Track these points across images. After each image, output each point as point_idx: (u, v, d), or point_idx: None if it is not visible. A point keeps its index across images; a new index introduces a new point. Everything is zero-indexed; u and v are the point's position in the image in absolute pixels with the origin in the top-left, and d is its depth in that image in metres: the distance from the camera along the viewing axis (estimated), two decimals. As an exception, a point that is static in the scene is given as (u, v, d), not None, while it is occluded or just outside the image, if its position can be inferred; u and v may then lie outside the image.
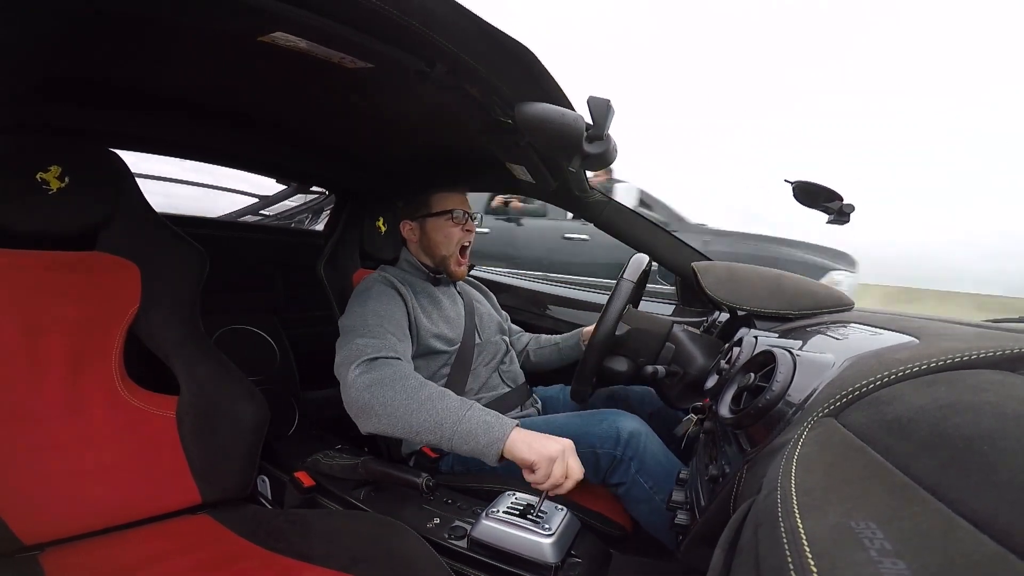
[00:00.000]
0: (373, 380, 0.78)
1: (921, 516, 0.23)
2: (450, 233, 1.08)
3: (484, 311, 1.19)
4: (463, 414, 0.73)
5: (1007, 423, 0.25)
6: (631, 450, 0.83)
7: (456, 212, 1.08)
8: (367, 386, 0.77)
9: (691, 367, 0.83)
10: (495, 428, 0.72)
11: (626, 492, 0.84)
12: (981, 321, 0.54)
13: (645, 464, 0.83)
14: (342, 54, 0.62)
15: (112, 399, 0.83)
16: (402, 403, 0.75)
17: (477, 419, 0.73)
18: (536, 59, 0.61)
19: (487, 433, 0.71)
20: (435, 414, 0.73)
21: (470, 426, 0.72)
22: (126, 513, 0.79)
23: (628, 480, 0.83)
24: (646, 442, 0.85)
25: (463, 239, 1.09)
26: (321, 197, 1.76)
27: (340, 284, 1.18)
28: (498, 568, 0.73)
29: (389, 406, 0.75)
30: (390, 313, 0.93)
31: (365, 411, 0.77)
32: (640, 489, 0.83)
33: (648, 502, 0.83)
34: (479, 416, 0.73)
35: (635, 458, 0.83)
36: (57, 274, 0.81)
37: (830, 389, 0.40)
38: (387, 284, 1.00)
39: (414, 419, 0.74)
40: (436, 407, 0.74)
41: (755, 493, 0.34)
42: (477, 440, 0.71)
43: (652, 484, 0.83)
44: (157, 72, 0.78)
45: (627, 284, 0.82)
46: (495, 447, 0.70)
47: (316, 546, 0.73)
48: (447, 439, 0.73)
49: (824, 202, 0.91)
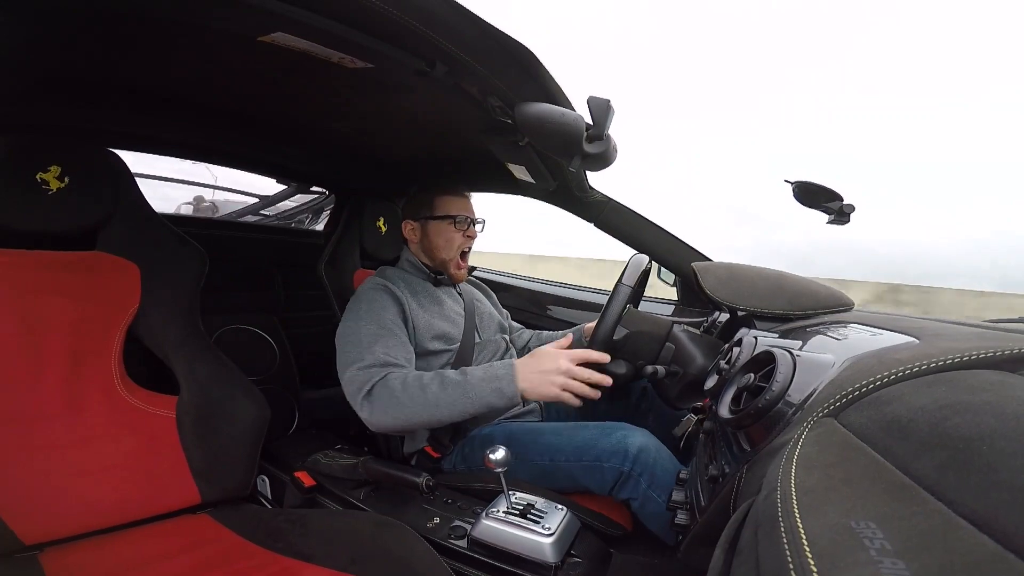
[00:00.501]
0: (378, 408, 0.84)
1: (921, 516, 0.23)
2: (451, 238, 1.08)
3: (485, 310, 1.19)
4: (469, 392, 0.81)
5: (1007, 423, 0.25)
6: (640, 466, 0.82)
7: (459, 217, 1.08)
8: (380, 412, 0.84)
9: (691, 367, 0.83)
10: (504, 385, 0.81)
11: (640, 507, 0.82)
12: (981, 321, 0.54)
13: (656, 478, 0.81)
14: (342, 54, 0.62)
15: (112, 399, 0.83)
16: (416, 412, 0.82)
17: (484, 389, 0.81)
18: (536, 59, 0.61)
19: (499, 397, 0.81)
20: (448, 406, 0.81)
21: (482, 398, 0.81)
22: (126, 513, 0.79)
23: (640, 495, 0.82)
24: (656, 456, 0.83)
25: (463, 244, 1.09)
26: (321, 197, 1.75)
27: (340, 284, 1.18)
28: (498, 568, 0.73)
29: (407, 419, 0.83)
30: (381, 320, 0.94)
31: (392, 430, 0.89)
32: (654, 504, 0.81)
33: (665, 516, 0.79)
34: (483, 386, 0.81)
35: (644, 474, 0.82)
36: (57, 274, 0.81)
37: (830, 389, 0.40)
38: (380, 290, 1.00)
39: (434, 418, 0.82)
40: (445, 400, 0.81)
41: (755, 493, 0.34)
42: (495, 405, 0.81)
43: (666, 497, 0.81)
44: (157, 72, 0.78)
45: (624, 289, 0.82)
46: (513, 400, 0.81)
47: (316, 546, 0.73)
48: (471, 414, 0.82)
49: (824, 202, 0.91)
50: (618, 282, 0.83)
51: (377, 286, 1.01)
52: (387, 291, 0.99)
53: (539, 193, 1.23)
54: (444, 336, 1.03)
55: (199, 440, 0.86)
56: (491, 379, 0.81)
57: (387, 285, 1.01)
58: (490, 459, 0.73)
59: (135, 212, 0.89)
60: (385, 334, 0.93)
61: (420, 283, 1.09)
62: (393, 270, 1.10)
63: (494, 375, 0.82)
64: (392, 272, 1.08)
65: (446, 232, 1.08)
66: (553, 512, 0.77)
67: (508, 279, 1.77)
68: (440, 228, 1.08)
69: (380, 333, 0.92)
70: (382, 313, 0.95)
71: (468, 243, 1.10)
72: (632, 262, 0.85)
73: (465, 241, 1.09)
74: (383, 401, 0.84)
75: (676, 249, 1.22)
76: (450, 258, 1.08)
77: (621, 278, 0.83)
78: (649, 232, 1.22)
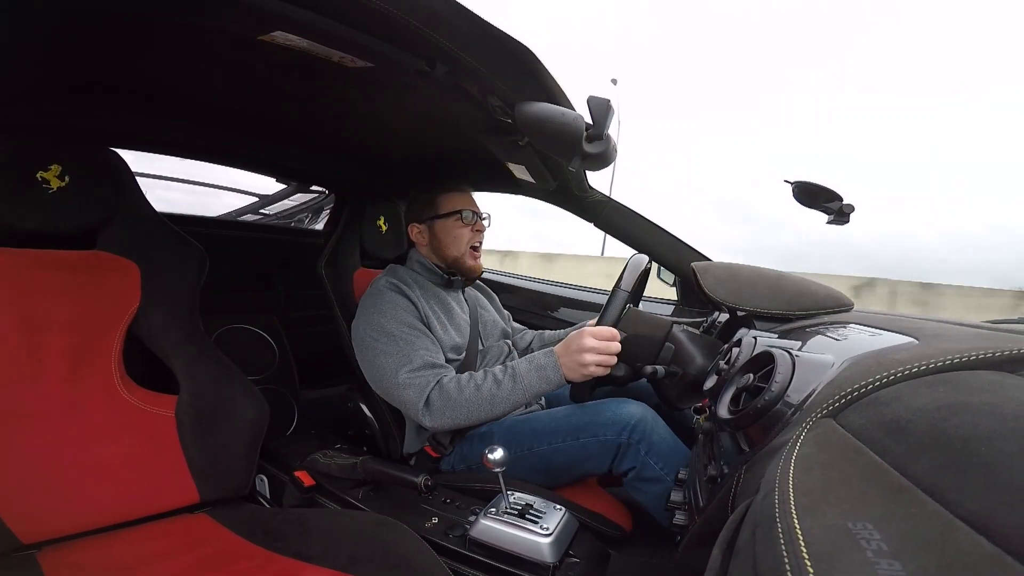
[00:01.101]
0: (437, 413, 0.89)
1: (918, 517, 0.23)
2: (459, 234, 1.08)
3: (488, 317, 1.19)
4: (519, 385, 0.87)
5: (1006, 424, 0.25)
6: (638, 434, 0.85)
7: (465, 213, 1.08)
8: (440, 417, 0.88)
9: (690, 367, 0.83)
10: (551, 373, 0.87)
11: (637, 475, 0.85)
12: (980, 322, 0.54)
13: (654, 445, 0.85)
14: (342, 53, 0.62)
15: (111, 398, 0.83)
16: (474, 411, 0.88)
17: (533, 379, 0.87)
18: (536, 59, 0.61)
19: (547, 383, 0.87)
20: (503, 401, 0.87)
21: (532, 388, 0.87)
22: (124, 512, 0.79)
23: (639, 463, 0.85)
24: (652, 424, 0.86)
25: (473, 239, 1.09)
26: (321, 197, 1.75)
27: (340, 284, 1.18)
28: (496, 568, 0.73)
29: (466, 419, 0.88)
30: (410, 322, 0.97)
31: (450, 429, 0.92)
32: (651, 469, 0.84)
33: (660, 481, 0.83)
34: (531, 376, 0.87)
35: (643, 441, 0.85)
36: (57, 273, 0.81)
37: (829, 390, 0.40)
38: (395, 291, 1.00)
39: (492, 414, 0.88)
40: (500, 396, 0.87)
41: (753, 494, 0.34)
42: (543, 391, 0.88)
43: (662, 464, 0.84)
44: (157, 71, 0.78)
45: (622, 294, 0.82)
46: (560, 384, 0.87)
47: (314, 545, 0.73)
48: (523, 404, 0.89)
49: (824, 202, 0.91)
50: (615, 287, 0.83)
51: (392, 287, 1.01)
52: (403, 295, 1.00)
53: (539, 193, 1.23)
54: (456, 346, 1.03)
55: (198, 440, 0.86)
56: (538, 368, 0.88)
57: (401, 287, 1.01)
58: (488, 459, 0.73)
59: (136, 211, 0.89)
60: (418, 335, 0.96)
61: (431, 286, 1.08)
62: (404, 270, 1.09)
63: (539, 365, 0.88)
64: (404, 272, 1.07)
65: (453, 229, 1.08)
66: (551, 512, 0.77)
67: (510, 280, 1.77)
68: (447, 226, 1.08)
69: (413, 334, 0.95)
70: (404, 314, 0.97)
71: (478, 237, 1.10)
72: (631, 263, 0.85)
73: (474, 236, 1.09)
74: (442, 406, 0.88)
75: (676, 249, 1.22)
76: (461, 254, 1.08)
77: (619, 282, 0.83)
78: (649, 232, 1.22)
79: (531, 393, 0.87)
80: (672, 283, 1.40)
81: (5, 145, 0.76)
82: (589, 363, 0.83)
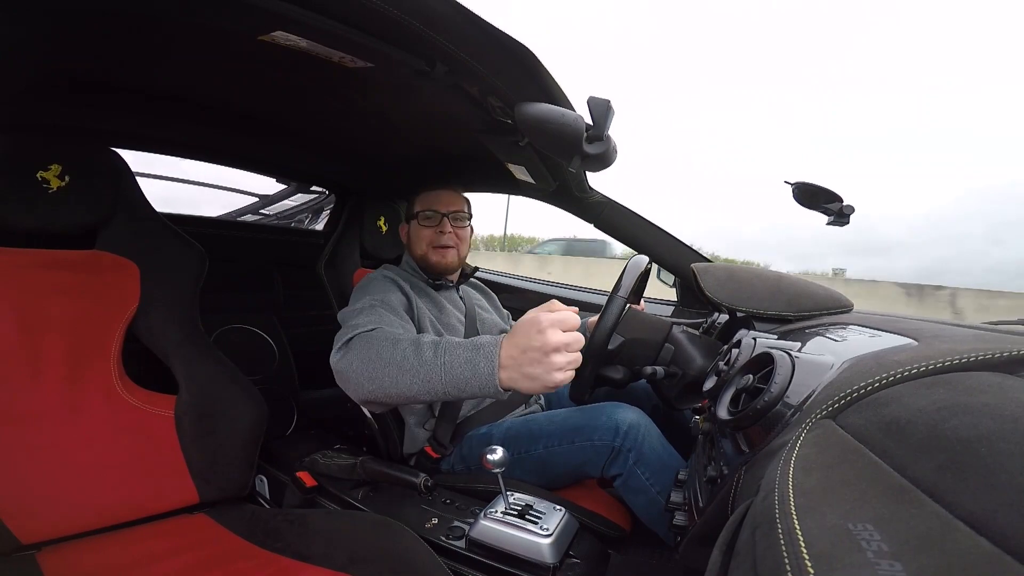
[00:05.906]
0: (348, 358, 0.72)
1: (918, 518, 0.23)
2: (422, 234, 1.07)
3: (487, 317, 1.19)
4: (439, 360, 0.65)
5: (1005, 425, 0.25)
6: (629, 441, 0.84)
7: (426, 212, 1.07)
8: (347, 361, 0.72)
9: (690, 368, 0.83)
10: (480, 363, 0.63)
11: (623, 483, 0.85)
12: (980, 323, 0.54)
13: (643, 455, 0.84)
14: (342, 53, 0.62)
15: (110, 398, 0.82)
16: (381, 371, 0.68)
17: (457, 362, 0.64)
18: (536, 59, 0.61)
19: (474, 374, 0.63)
20: (412, 372, 0.66)
21: (455, 371, 0.64)
22: (124, 512, 0.79)
23: (626, 471, 0.84)
24: (645, 434, 0.85)
25: (435, 240, 1.06)
26: (321, 197, 1.75)
27: (340, 284, 1.18)
28: (496, 568, 0.73)
29: (371, 376, 0.69)
30: (387, 300, 0.92)
31: (363, 396, 0.71)
32: (637, 480, 0.84)
33: (644, 493, 0.83)
34: (457, 356, 0.65)
35: (633, 449, 0.84)
36: (56, 273, 0.81)
37: (828, 391, 0.40)
38: (388, 279, 1.00)
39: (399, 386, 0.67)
40: (409, 363, 0.67)
41: (753, 494, 0.34)
42: (468, 381, 0.64)
43: (649, 475, 0.83)
44: (157, 71, 0.78)
45: (620, 300, 0.81)
46: (491, 388, 0.63)
47: (314, 546, 0.73)
48: (442, 391, 0.66)
49: (824, 203, 0.91)
50: (613, 291, 0.82)
51: (384, 276, 1.01)
52: (394, 283, 0.99)
53: (539, 193, 1.23)
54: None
55: (198, 440, 0.86)
56: (472, 348, 0.65)
57: (395, 278, 1.01)
58: (487, 459, 0.73)
59: (135, 211, 0.89)
60: (389, 311, 0.88)
61: (421, 286, 1.08)
62: (397, 269, 1.10)
63: (475, 345, 0.65)
64: (397, 270, 1.08)
65: (417, 228, 1.08)
66: (551, 513, 0.77)
67: (511, 280, 1.76)
68: (415, 225, 1.09)
69: (384, 309, 0.88)
70: (388, 295, 0.94)
71: (441, 239, 1.06)
72: (631, 264, 0.85)
73: (437, 236, 1.06)
74: (356, 351, 0.72)
75: (675, 250, 1.22)
76: (423, 252, 1.07)
77: (618, 286, 0.82)
78: (648, 233, 1.22)
79: (450, 377, 0.64)
80: (672, 284, 1.40)
81: (5, 145, 0.76)
82: (560, 366, 0.60)
